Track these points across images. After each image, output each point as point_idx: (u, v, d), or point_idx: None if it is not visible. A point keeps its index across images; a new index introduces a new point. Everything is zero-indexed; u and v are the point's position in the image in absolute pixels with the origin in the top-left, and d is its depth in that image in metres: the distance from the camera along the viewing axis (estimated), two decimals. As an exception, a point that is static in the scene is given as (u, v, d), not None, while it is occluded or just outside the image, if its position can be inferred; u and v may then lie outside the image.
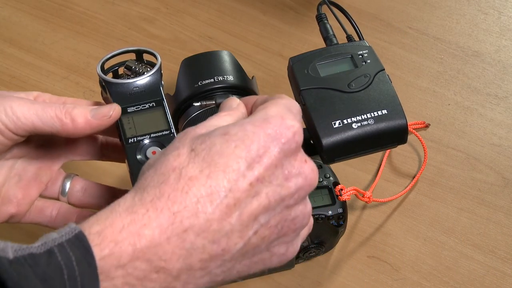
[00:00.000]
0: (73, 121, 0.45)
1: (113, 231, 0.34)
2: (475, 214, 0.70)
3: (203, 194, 0.35)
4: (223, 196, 0.35)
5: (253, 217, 0.36)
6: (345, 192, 0.60)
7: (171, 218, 0.34)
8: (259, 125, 0.37)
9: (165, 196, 0.35)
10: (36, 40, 0.85)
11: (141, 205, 0.35)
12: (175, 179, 0.35)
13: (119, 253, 0.33)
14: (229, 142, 0.36)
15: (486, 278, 0.66)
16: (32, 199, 0.50)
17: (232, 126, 0.37)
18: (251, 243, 0.37)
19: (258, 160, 0.36)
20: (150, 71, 0.50)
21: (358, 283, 0.65)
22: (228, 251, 0.36)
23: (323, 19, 0.58)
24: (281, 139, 0.37)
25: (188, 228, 0.34)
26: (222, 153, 0.36)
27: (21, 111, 0.44)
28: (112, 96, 0.48)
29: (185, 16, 0.88)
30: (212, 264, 0.36)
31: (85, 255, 0.33)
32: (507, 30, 0.87)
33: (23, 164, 0.49)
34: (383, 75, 0.51)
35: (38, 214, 0.50)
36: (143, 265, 0.34)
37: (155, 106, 0.48)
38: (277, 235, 0.38)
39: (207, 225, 0.35)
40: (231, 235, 0.35)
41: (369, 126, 0.48)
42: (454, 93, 0.80)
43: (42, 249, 0.33)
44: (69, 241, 0.33)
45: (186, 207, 0.34)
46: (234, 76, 0.66)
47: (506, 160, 0.74)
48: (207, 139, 0.37)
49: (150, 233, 0.34)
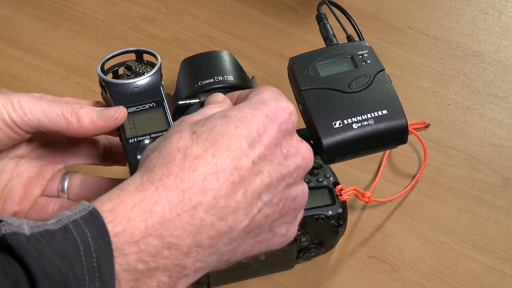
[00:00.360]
0: (78, 120, 0.45)
1: (125, 208, 0.35)
2: (475, 214, 0.70)
3: (209, 171, 0.36)
4: (229, 173, 0.36)
5: (257, 194, 0.37)
6: (345, 192, 0.60)
7: (180, 195, 0.35)
8: (256, 107, 0.38)
9: (173, 174, 0.36)
10: (36, 40, 0.85)
11: (150, 184, 0.36)
12: (181, 158, 0.36)
13: (132, 230, 0.34)
14: (229, 123, 0.37)
15: (486, 278, 0.66)
16: (35, 197, 0.50)
17: (230, 109, 0.38)
18: (255, 221, 0.38)
19: (259, 139, 0.37)
20: (150, 71, 0.50)
21: (358, 283, 0.65)
22: (234, 228, 0.37)
23: (323, 19, 0.58)
24: (278, 119, 0.38)
25: (197, 205, 0.35)
26: (224, 133, 0.37)
27: (28, 106, 0.44)
28: (112, 96, 0.48)
29: (185, 16, 0.88)
30: (220, 242, 0.37)
31: (99, 231, 0.33)
32: (507, 30, 0.87)
33: (26, 164, 0.50)
34: (383, 75, 0.51)
35: (40, 211, 0.50)
36: (155, 241, 0.35)
37: (155, 107, 0.48)
38: (279, 214, 0.39)
39: (214, 202, 0.36)
40: (237, 212, 0.36)
41: (369, 126, 0.48)
42: (454, 93, 0.80)
43: (57, 225, 0.34)
44: (83, 218, 0.34)
45: (194, 184, 0.35)
46: (234, 76, 0.66)
47: (506, 160, 0.74)
48: (207, 121, 0.38)
49: (160, 209, 0.35)
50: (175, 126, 0.39)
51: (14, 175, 0.49)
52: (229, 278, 0.64)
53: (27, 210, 0.49)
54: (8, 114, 0.44)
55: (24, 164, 0.50)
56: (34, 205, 0.50)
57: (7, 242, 0.32)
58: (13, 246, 0.31)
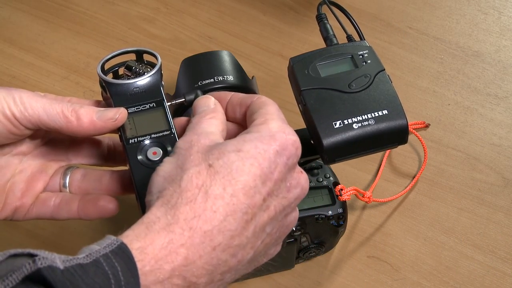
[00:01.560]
0: (78, 119, 0.45)
1: (154, 249, 0.36)
2: (475, 214, 0.70)
3: (228, 212, 0.37)
4: (244, 212, 0.38)
5: (263, 228, 0.39)
6: (345, 192, 0.60)
7: (202, 237, 0.37)
8: (268, 142, 0.40)
9: (196, 216, 0.37)
10: (36, 40, 0.85)
11: (176, 224, 0.37)
12: (202, 198, 0.37)
13: (159, 270, 0.36)
14: (244, 160, 0.39)
15: (486, 278, 0.66)
16: (37, 192, 0.50)
17: (243, 143, 0.40)
18: (258, 251, 0.40)
19: (270, 176, 0.39)
20: (151, 72, 0.49)
21: (358, 283, 0.66)
22: (241, 261, 0.39)
23: (323, 19, 0.58)
24: (287, 154, 0.40)
25: (216, 246, 0.37)
26: (240, 171, 0.38)
27: (29, 102, 0.45)
28: (112, 96, 0.48)
29: (185, 16, 0.88)
30: (228, 275, 0.39)
31: (129, 266, 0.35)
32: (507, 30, 0.87)
33: (29, 161, 0.50)
34: (383, 75, 0.51)
35: (41, 206, 0.50)
36: (178, 281, 0.36)
37: (156, 107, 0.48)
38: (275, 240, 0.42)
39: (231, 241, 0.38)
40: (246, 247, 0.39)
41: (369, 127, 0.48)
42: (454, 93, 0.80)
43: (88, 259, 0.35)
44: (113, 252, 0.35)
45: (215, 226, 0.37)
46: (234, 76, 0.66)
47: (506, 160, 0.74)
48: (221, 155, 0.39)
49: (185, 252, 0.36)
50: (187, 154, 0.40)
51: (17, 171, 0.50)
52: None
53: (29, 205, 0.50)
54: (9, 108, 0.44)
55: (27, 161, 0.50)
56: (36, 200, 0.50)
57: (43, 276, 0.32)
58: (50, 279, 0.32)
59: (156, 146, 0.47)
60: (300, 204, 0.59)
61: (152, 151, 0.46)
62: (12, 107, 0.44)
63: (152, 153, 0.46)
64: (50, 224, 0.69)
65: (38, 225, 0.69)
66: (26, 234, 0.68)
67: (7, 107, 0.44)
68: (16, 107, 0.44)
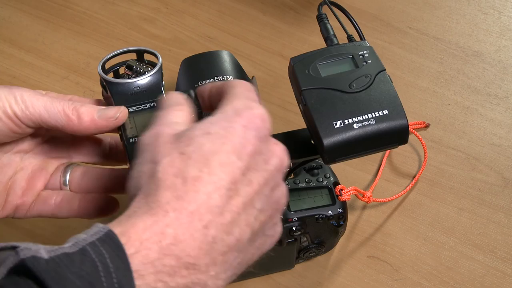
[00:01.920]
0: (79, 118, 0.45)
1: (136, 231, 0.35)
2: (475, 214, 0.70)
3: (211, 190, 0.37)
4: (227, 188, 0.37)
5: (251, 203, 0.38)
6: (345, 192, 0.60)
7: (190, 217, 0.36)
8: (234, 119, 0.40)
9: (179, 198, 0.36)
10: (36, 40, 0.85)
11: (159, 208, 0.36)
12: (182, 183, 0.37)
13: (146, 251, 0.35)
14: (214, 141, 0.38)
15: (486, 278, 0.66)
16: (38, 190, 0.50)
17: (210, 125, 0.39)
18: (254, 229, 0.39)
19: (243, 150, 0.38)
20: (151, 71, 0.50)
21: (358, 283, 0.66)
22: (241, 240, 0.38)
23: (324, 19, 0.58)
24: (255, 128, 0.40)
25: (207, 224, 0.36)
26: (212, 151, 0.38)
27: (31, 100, 0.45)
28: (113, 96, 0.48)
29: (185, 16, 0.88)
30: (231, 257, 0.38)
31: (117, 252, 0.34)
32: (507, 30, 0.87)
33: (30, 158, 0.50)
34: (384, 76, 0.51)
35: (42, 204, 0.50)
36: (172, 261, 0.35)
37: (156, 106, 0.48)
38: (269, 218, 0.41)
39: (221, 218, 0.37)
40: (240, 224, 0.38)
41: (370, 127, 0.48)
42: (454, 93, 0.80)
43: (74, 248, 0.34)
44: (100, 240, 0.35)
45: (200, 204, 0.36)
46: (234, 76, 0.66)
47: (506, 160, 0.74)
48: (191, 141, 0.39)
49: (173, 231, 0.35)
50: (155, 147, 0.39)
51: (18, 169, 0.50)
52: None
53: (30, 203, 0.50)
54: (10, 107, 0.44)
55: (28, 159, 0.50)
56: (37, 198, 0.50)
57: (27, 267, 0.32)
58: (34, 270, 0.32)
59: (157, 146, 0.47)
60: (300, 204, 0.60)
61: (153, 151, 0.46)
62: (14, 106, 0.44)
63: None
64: (50, 224, 0.69)
65: (38, 225, 0.69)
66: (26, 234, 0.68)
67: (8, 106, 0.44)
68: (18, 105, 0.44)
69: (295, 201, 0.60)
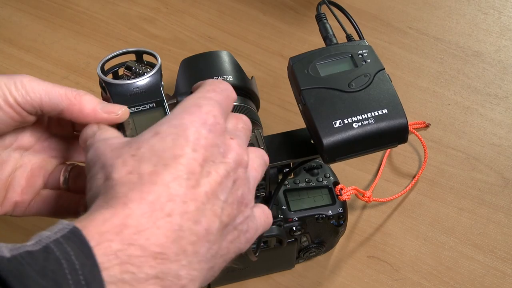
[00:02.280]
0: (80, 104, 0.45)
1: (95, 225, 0.34)
2: (475, 214, 0.70)
3: (169, 180, 0.36)
4: (186, 178, 0.37)
5: (215, 194, 0.38)
6: (345, 191, 0.60)
7: (151, 206, 0.35)
8: (182, 117, 0.39)
9: (136, 190, 0.36)
10: (36, 40, 0.85)
11: (117, 201, 0.36)
12: (138, 178, 0.37)
13: (107, 243, 0.34)
14: (164, 138, 0.38)
15: (486, 278, 0.66)
16: (37, 188, 0.50)
17: (158, 126, 0.39)
18: (223, 221, 0.38)
19: (197, 142, 0.38)
20: (150, 72, 0.50)
21: (358, 283, 0.66)
22: (210, 230, 0.37)
23: (323, 19, 0.58)
24: (206, 123, 0.39)
25: (170, 212, 0.36)
26: (164, 147, 0.38)
27: (31, 85, 0.45)
28: (112, 97, 0.48)
29: (185, 16, 0.88)
30: (202, 247, 0.37)
31: (82, 249, 0.33)
32: (507, 30, 0.87)
33: (30, 156, 0.50)
34: (383, 75, 0.51)
35: (41, 203, 0.50)
36: (137, 251, 0.34)
37: (156, 107, 0.48)
38: (237, 211, 0.40)
39: (185, 207, 0.36)
40: (207, 214, 0.37)
41: (369, 126, 0.48)
42: (454, 93, 0.80)
43: (37, 246, 0.33)
44: (64, 237, 0.34)
45: (160, 194, 0.36)
46: (234, 76, 0.66)
47: (506, 160, 0.74)
48: (141, 143, 0.38)
49: (135, 222, 0.35)
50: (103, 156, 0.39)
51: (17, 166, 0.49)
52: (229, 278, 0.64)
53: (29, 201, 0.50)
54: (11, 93, 0.44)
55: (28, 156, 0.50)
56: (36, 197, 0.50)
57: None
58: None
59: (156, 145, 0.47)
60: (300, 203, 0.60)
61: (152, 150, 0.46)
62: (14, 92, 0.44)
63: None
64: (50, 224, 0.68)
65: (38, 225, 0.68)
66: (25, 234, 0.68)
67: (8, 93, 0.44)
68: (18, 91, 0.44)
69: (295, 201, 0.60)
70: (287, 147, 0.53)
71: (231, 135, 0.41)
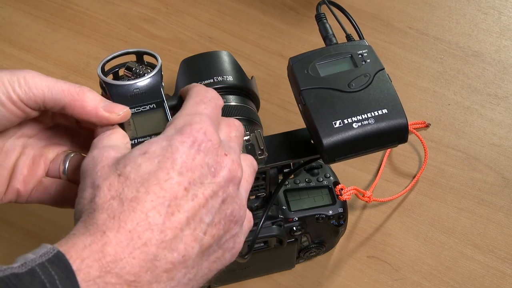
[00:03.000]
0: (83, 101, 0.45)
1: (76, 250, 0.35)
2: (475, 214, 0.70)
3: (149, 208, 0.37)
4: (167, 205, 0.37)
5: (198, 218, 0.38)
6: (345, 191, 0.60)
7: (128, 235, 0.36)
8: (172, 137, 0.40)
9: (116, 218, 0.37)
10: (36, 40, 0.85)
11: (97, 229, 0.36)
12: (118, 204, 0.37)
13: (87, 269, 0.35)
14: (152, 160, 0.38)
15: (486, 278, 0.66)
16: (39, 177, 0.50)
17: (148, 144, 0.40)
18: (204, 244, 0.39)
19: (184, 165, 0.38)
20: (151, 73, 0.49)
21: (358, 283, 0.66)
22: (188, 257, 0.38)
23: (322, 19, 0.58)
24: (196, 142, 0.39)
25: (147, 241, 0.36)
26: (150, 170, 0.38)
27: (34, 81, 0.44)
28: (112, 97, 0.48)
29: (185, 16, 0.88)
30: (178, 274, 0.38)
31: (66, 273, 0.34)
32: (507, 30, 0.87)
33: (33, 143, 0.50)
34: (383, 75, 0.51)
35: (43, 192, 0.50)
36: (113, 279, 0.35)
37: (156, 108, 0.48)
38: (223, 231, 0.40)
39: (162, 236, 0.37)
40: (186, 240, 0.38)
41: (369, 126, 0.48)
42: (454, 93, 0.80)
43: (23, 269, 0.34)
44: (49, 261, 0.35)
45: (138, 223, 0.36)
46: (234, 77, 0.66)
47: (506, 160, 0.74)
48: (129, 161, 0.39)
49: (112, 250, 0.36)
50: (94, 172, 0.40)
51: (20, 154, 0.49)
52: (229, 278, 0.64)
53: (31, 190, 0.50)
54: (14, 90, 0.44)
55: (30, 144, 0.50)
56: (38, 185, 0.50)
57: None
58: None
59: (156, 146, 0.47)
60: (300, 204, 0.60)
61: (152, 151, 0.46)
62: (17, 89, 0.44)
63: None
64: (50, 224, 0.69)
65: (38, 225, 0.69)
66: (26, 234, 0.68)
67: (11, 90, 0.44)
68: (21, 88, 0.44)
69: (295, 201, 0.60)
70: (287, 147, 0.53)
71: (225, 150, 0.41)
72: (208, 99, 0.44)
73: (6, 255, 0.67)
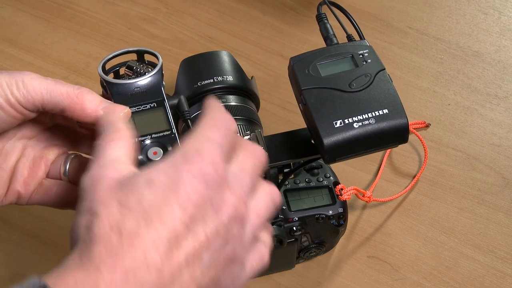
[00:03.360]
0: (82, 104, 0.45)
1: (66, 285, 0.34)
2: (475, 214, 0.70)
3: (148, 245, 0.35)
4: (167, 243, 0.35)
5: (197, 257, 0.36)
6: (346, 191, 0.60)
7: (124, 276, 0.34)
8: (180, 167, 0.37)
9: (112, 253, 0.35)
10: (36, 40, 0.85)
11: (91, 263, 0.35)
12: (117, 238, 0.35)
13: None
14: (156, 191, 0.36)
15: (486, 278, 0.66)
16: (39, 178, 0.50)
17: (155, 173, 0.37)
18: (201, 284, 0.37)
19: (188, 200, 0.36)
20: (151, 72, 0.50)
21: (358, 283, 0.66)
22: None
23: (323, 19, 0.58)
24: (204, 174, 0.37)
25: (142, 282, 0.34)
26: (153, 203, 0.36)
27: (32, 84, 0.44)
28: (113, 96, 0.48)
29: (185, 16, 0.88)
30: None
31: None
32: (507, 30, 0.87)
33: (33, 145, 0.50)
34: (383, 75, 0.51)
35: (43, 194, 0.50)
36: None
37: (157, 107, 0.48)
38: (222, 270, 0.38)
39: (158, 275, 0.35)
40: (182, 279, 0.36)
41: (370, 126, 0.48)
42: (454, 93, 0.80)
43: None
44: None
45: (135, 261, 0.35)
46: (234, 76, 0.66)
47: (506, 160, 0.74)
48: (132, 190, 0.37)
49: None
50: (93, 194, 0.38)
51: (20, 156, 0.49)
52: (230, 278, 0.64)
53: (31, 192, 0.49)
54: (12, 93, 0.43)
55: (30, 145, 0.50)
56: (38, 187, 0.50)
57: None
58: None
59: (157, 146, 0.47)
60: (300, 203, 0.60)
61: (153, 151, 0.46)
62: (15, 92, 0.43)
63: (153, 153, 0.46)
64: (50, 224, 0.69)
65: (38, 225, 0.69)
66: (26, 234, 0.68)
67: (10, 93, 0.43)
68: (19, 91, 0.44)
69: (295, 201, 0.60)
70: (287, 147, 0.53)
71: (231, 185, 0.38)
72: (221, 123, 0.41)
73: (6, 255, 0.67)
